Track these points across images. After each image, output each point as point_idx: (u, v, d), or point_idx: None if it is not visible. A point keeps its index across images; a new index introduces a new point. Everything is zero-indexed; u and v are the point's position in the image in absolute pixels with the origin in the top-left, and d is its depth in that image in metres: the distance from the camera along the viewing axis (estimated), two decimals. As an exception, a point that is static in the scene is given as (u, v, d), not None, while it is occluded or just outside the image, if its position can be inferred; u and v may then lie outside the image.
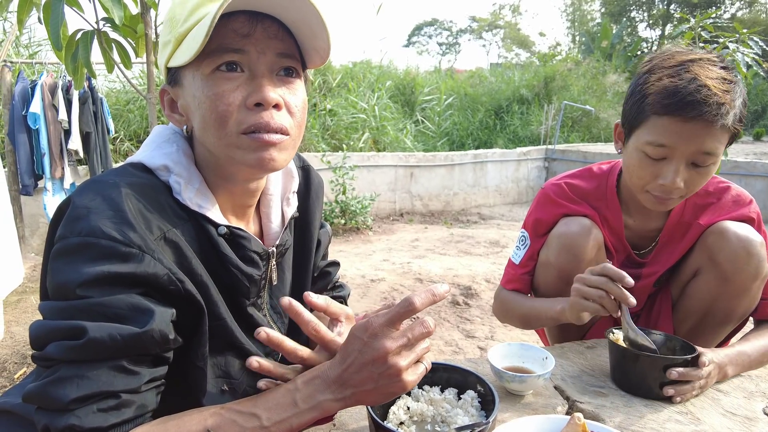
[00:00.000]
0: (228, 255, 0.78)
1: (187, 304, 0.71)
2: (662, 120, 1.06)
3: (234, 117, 0.71)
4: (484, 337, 2.45)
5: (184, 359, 0.75)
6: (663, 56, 1.12)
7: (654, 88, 1.07)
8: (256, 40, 0.72)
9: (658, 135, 1.07)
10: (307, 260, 0.99)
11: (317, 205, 1.01)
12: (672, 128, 1.05)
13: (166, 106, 0.80)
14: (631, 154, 1.15)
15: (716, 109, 1.01)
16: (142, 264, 0.65)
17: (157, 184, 0.75)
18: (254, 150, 0.72)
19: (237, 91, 0.71)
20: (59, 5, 1.64)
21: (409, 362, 0.67)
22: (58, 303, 0.64)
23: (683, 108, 1.02)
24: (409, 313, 0.66)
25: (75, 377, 0.61)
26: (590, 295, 1.04)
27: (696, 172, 1.08)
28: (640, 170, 1.12)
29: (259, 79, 0.72)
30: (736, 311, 1.20)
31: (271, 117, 0.72)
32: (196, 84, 0.73)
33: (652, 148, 1.08)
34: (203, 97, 0.72)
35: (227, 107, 0.71)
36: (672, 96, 1.04)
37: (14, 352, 2.23)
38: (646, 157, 1.10)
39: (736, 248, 1.15)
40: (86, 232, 0.64)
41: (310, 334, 0.72)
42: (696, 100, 1.01)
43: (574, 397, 1.04)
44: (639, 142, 1.11)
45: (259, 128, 0.72)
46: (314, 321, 0.72)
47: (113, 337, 0.62)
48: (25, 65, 4.55)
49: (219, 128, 0.72)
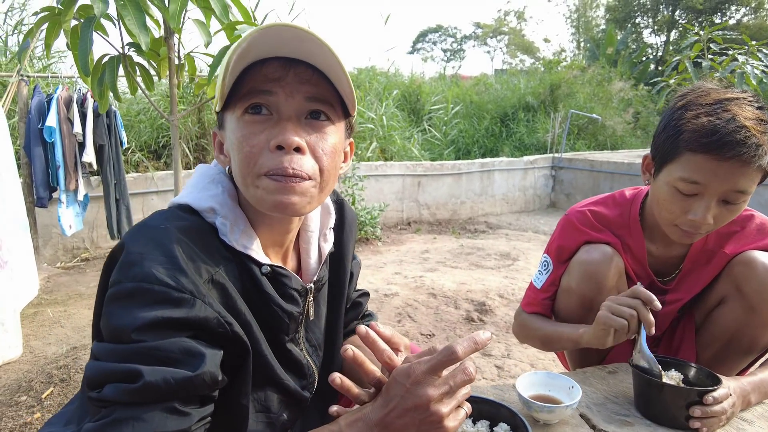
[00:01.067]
0: (270, 294, 0.80)
1: (233, 345, 0.74)
2: (697, 157, 1.06)
3: (257, 159, 0.74)
4: (500, 355, 2.46)
5: (228, 397, 0.78)
6: (698, 92, 1.12)
7: (690, 125, 1.07)
8: (286, 84, 0.74)
9: (692, 172, 1.07)
10: (341, 293, 1.02)
11: (351, 238, 1.03)
12: (707, 166, 1.05)
13: (216, 148, 0.85)
14: (661, 188, 1.15)
15: (754, 150, 1.02)
16: (193, 309, 0.68)
17: (204, 225, 0.78)
18: (272, 192, 0.74)
19: (263, 134, 0.74)
20: (88, 32, 1.69)
21: (451, 409, 0.69)
22: (114, 346, 0.67)
23: (721, 148, 1.02)
24: (451, 361, 0.68)
25: (131, 419, 0.63)
26: (622, 313, 1.06)
27: (726, 209, 1.10)
28: (671, 205, 1.13)
29: (284, 122, 0.74)
30: (760, 341, 1.22)
31: (290, 161, 0.73)
32: (231, 126, 0.77)
33: (685, 185, 1.09)
34: (234, 138, 0.76)
35: (251, 149, 0.74)
36: (710, 135, 1.04)
37: (39, 370, 2.25)
38: (677, 192, 1.11)
39: (764, 279, 1.16)
40: (140, 278, 0.67)
41: (384, 362, 0.73)
42: (735, 141, 1.01)
43: (600, 426, 1.05)
44: (671, 177, 1.11)
45: (278, 172, 0.73)
46: (388, 350, 0.74)
47: (167, 381, 0.64)
48: (40, 79, 4.62)
49: (244, 169, 0.75)
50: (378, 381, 0.74)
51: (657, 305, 1.04)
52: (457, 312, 2.94)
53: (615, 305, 1.08)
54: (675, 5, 24.21)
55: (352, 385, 0.73)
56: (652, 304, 1.04)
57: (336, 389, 0.73)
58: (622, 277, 1.29)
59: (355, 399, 0.74)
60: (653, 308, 1.04)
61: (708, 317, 1.29)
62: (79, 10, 1.78)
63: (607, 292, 1.26)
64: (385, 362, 0.74)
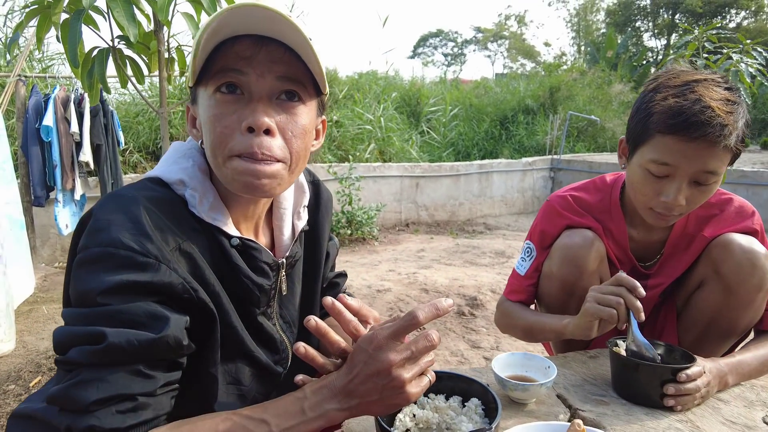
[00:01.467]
0: (240, 265, 0.81)
1: (200, 312, 0.75)
2: (666, 139, 1.08)
3: (228, 140, 0.74)
4: (489, 348, 2.46)
5: (197, 365, 0.78)
6: (668, 75, 1.14)
7: (659, 107, 1.09)
8: (258, 63, 0.74)
9: (662, 153, 1.09)
10: (316, 272, 1.03)
11: (326, 218, 1.04)
12: (675, 147, 1.07)
13: (188, 122, 0.85)
14: (634, 171, 1.17)
15: (719, 131, 1.03)
16: (158, 273, 0.68)
17: (174, 197, 0.78)
18: (241, 174, 0.74)
19: (234, 114, 0.74)
20: (77, 24, 1.71)
21: (413, 374, 0.69)
22: (80, 310, 0.68)
23: (687, 128, 1.04)
24: (412, 326, 0.68)
25: (95, 380, 0.64)
26: (609, 302, 1.06)
27: (698, 190, 1.11)
28: (643, 187, 1.14)
29: (255, 103, 0.74)
30: (740, 323, 1.22)
31: (260, 144, 0.73)
32: (204, 102, 0.77)
33: (656, 166, 1.10)
34: (206, 116, 0.76)
35: (223, 129, 0.74)
36: (676, 116, 1.05)
37: (29, 361, 2.26)
38: (649, 174, 1.12)
39: (741, 260, 1.17)
40: (107, 243, 0.67)
41: (350, 332, 0.74)
42: (700, 121, 1.03)
43: (576, 406, 1.06)
44: (643, 160, 1.13)
45: (248, 155, 0.73)
46: (355, 320, 0.74)
47: (131, 342, 0.65)
48: (38, 79, 4.65)
49: (216, 149, 0.75)
50: (344, 351, 0.74)
51: (641, 292, 1.03)
52: (448, 307, 2.95)
53: (600, 295, 1.08)
54: (675, 9, 24.29)
55: (317, 355, 0.74)
56: (637, 290, 1.03)
57: (305, 361, 0.74)
58: (603, 262, 1.30)
59: (321, 368, 0.75)
60: (638, 295, 1.03)
61: (688, 301, 1.30)
62: (69, 4, 1.81)
63: (588, 276, 1.27)
64: (351, 332, 0.74)
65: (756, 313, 1.22)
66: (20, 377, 2.07)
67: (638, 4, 26.72)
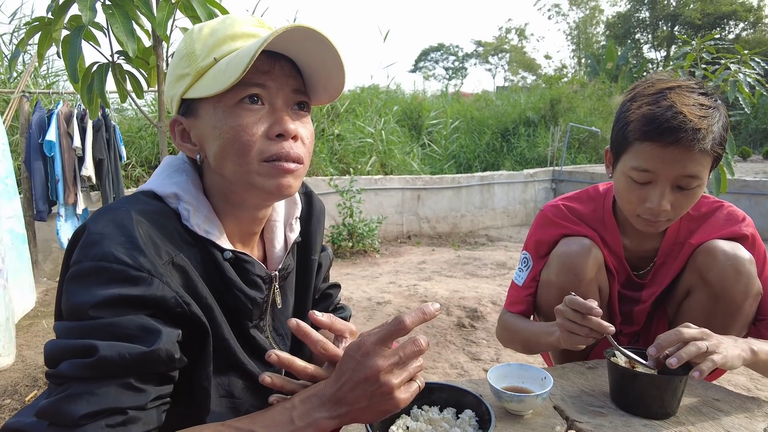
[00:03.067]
0: (233, 279, 0.81)
1: (192, 326, 0.74)
2: (644, 146, 1.10)
3: (256, 146, 0.76)
4: (489, 360, 2.44)
5: (189, 379, 0.78)
6: (645, 84, 1.16)
7: (634, 115, 1.12)
8: (275, 77, 0.78)
9: (641, 160, 1.11)
10: (308, 283, 1.02)
11: (318, 229, 1.04)
12: (653, 153, 1.09)
13: (177, 136, 0.84)
14: (618, 179, 1.19)
15: (693, 135, 1.05)
16: (151, 287, 0.68)
17: (167, 211, 0.79)
18: (274, 177, 0.78)
19: (259, 123, 0.77)
20: (77, 40, 1.73)
21: (401, 380, 0.68)
22: (71, 323, 0.68)
23: (661, 134, 1.07)
24: (399, 331, 0.68)
25: (85, 394, 0.63)
26: (577, 331, 1.07)
27: (682, 195, 1.11)
28: (629, 195, 1.16)
29: (279, 113, 0.78)
30: (731, 328, 1.21)
31: (291, 147, 0.78)
32: (218, 115, 0.77)
33: (637, 173, 1.12)
34: (227, 127, 0.76)
35: (251, 137, 0.76)
36: (650, 123, 1.08)
37: (25, 375, 2.26)
38: (632, 181, 1.14)
39: (724, 266, 1.17)
40: (99, 257, 0.68)
41: (318, 352, 0.74)
42: (672, 127, 1.05)
43: (573, 417, 1.04)
44: (625, 168, 1.15)
45: (281, 157, 0.77)
46: (322, 340, 0.75)
47: (122, 356, 0.65)
48: (42, 95, 4.71)
49: (241, 156, 0.76)
50: (332, 357, 0.75)
51: (597, 311, 1.02)
52: (448, 318, 2.93)
53: (567, 323, 1.07)
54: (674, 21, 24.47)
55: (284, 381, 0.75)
56: (592, 312, 1.03)
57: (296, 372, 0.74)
58: (601, 269, 1.29)
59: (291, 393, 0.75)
60: (595, 315, 1.03)
61: (678, 309, 1.29)
62: (70, 20, 1.83)
63: (586, 283, 1.26)
64: (319, 352, 0.75)
65: (746, 319, 1.21)
66: (16, 391, 2.07)
67: (637, 16, 26.95)
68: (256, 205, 0.85)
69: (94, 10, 1.65)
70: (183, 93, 0.80)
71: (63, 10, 1.76)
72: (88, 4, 1.63)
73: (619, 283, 1.34)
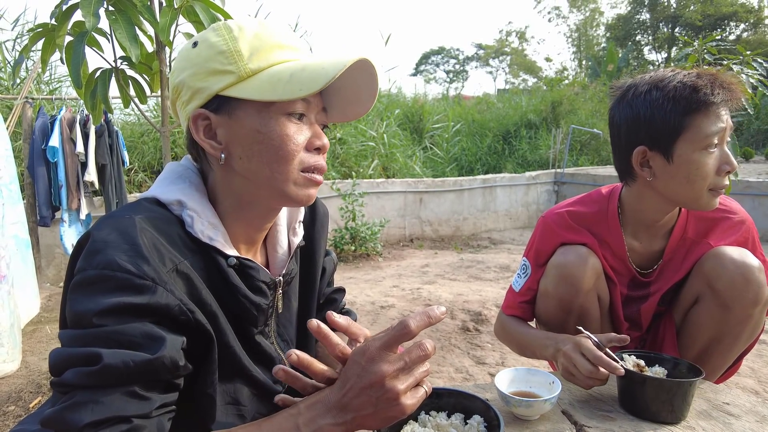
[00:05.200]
0: (237, 285, 0.81)
1: (197, 333, 0.74)
2: (701, 114, 1.13)
3: (298, 157, 0.79)
4: (494, 364, 2.43)
5: (195, 386, 0.77)
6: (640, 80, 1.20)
7: (674, 96, 1.14)
8: (314, 95, 0.81)
9: (709, 123, 1.13)
10: (312, 288, 1.02)
11: (322, 234, 1.04)
12: (713, 115, 1.13)
13: (200, 130, 0.80)
14: (683, 164, 1.15)
15: (728, 90, 1.14)
16: (155, 295, 0.68)
17: (170, 217, 0.78)
18: (306, 187, 0.81)
19: (302, 135, 0.80)
20: (80, 46, 1.73)
21: (407, 386, 0.67)
22: (75, 331, 0.67)
23: (712, 95, 1.12)
24: (404, 336, 0.67)
25: (90, 402, 0.63)
26: (582, 382, 1.09)
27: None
28: (703, 169, 1.14)
29: (316, 128, 0.83)
30: (740, 337, 1.19)
31: (324, 161, 0.84)
32: (263, 121, 0.77)
33: (712, 139, 1.13)
34: (273, 134, 0.77)
35: (296, 147, 0.78)
36: (699, 91, 1.12)
37: (29, 382, 2.25)
38: (705, 154, 1.14)
39: (734, 275, 1.15)
40: (103, 265, 0.67)
41: (336, 355, 0.73)
42: (714, 84, 1.13)
43: (581, 422, 1.03)
44: (696, 143, 1.13)
45: (317, 169, 0.82)
46: (341, 343, 0.73)
47: (126, 363, 0.64)
48: (45, 101, 4.72)
49: (284, 164, 0.78)
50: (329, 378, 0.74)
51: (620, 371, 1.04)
52: (452, 322, 2.92)
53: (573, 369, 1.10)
54: (674, 23, 24.47)
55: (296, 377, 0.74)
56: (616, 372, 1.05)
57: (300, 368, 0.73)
58: (600, 278, 1.28)
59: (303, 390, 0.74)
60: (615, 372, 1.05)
61: (686, 317, 1.28)
62: (73, 26, 1.84)
63: (584, 293, 1.25)
64: (338, 356, 0.73)
65: (756, 326, 1.20)
66: (20, 398, 2.06)
67: (638, 18, 26.96)
68: (271, 209, 0.86)
69: (97, 16, 1.65)
70: (222, 89, 0.77)
71: (66, 16, 1.76)
72: (91, 9, 1.63)
73: (623, 285, 1.33)
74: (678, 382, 1.01)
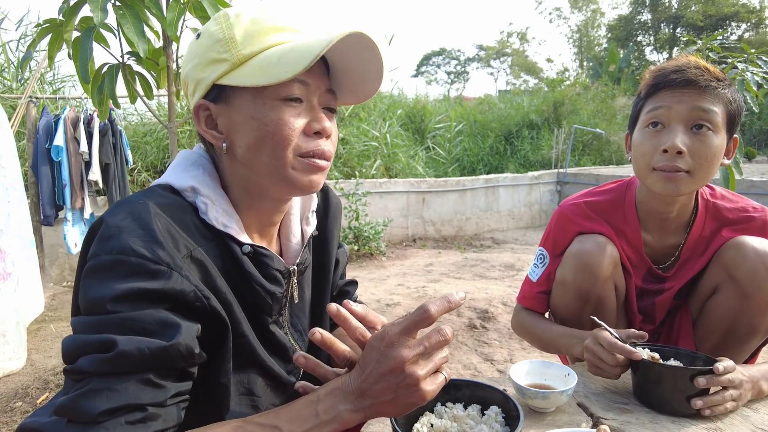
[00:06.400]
0: (252, 273, 0.80)
1: (212, 321, 0.73)
2: (657, 95, 1.17)
3: (295, 142, 0.76)
4: (502, 360, 2.42)
5: (209, 376, 0.76)
6: None
7: (644, 82, 1.21)
8: (314, 75, 0.78)
9: (654, 104, 1.17)
10: (326, 278, 1.01)
11: (335, 224, 1.03)
12: (666, 95, 1.15)
13: (201, 121, 0.81)
14: (636, 140, 1.21)
15: (700, 72, 1.11)
16: (170, 281, 0.67)
17: (184, 204, 0.77)
18: (307, 173, 0.78)
19: (299, 119, 0.77)
20: (88, 41, 1.73)
21: (427, 371, 0.66)
22: (89, 318, 0.66)
23: (668, 75, 1.14)
24: (424, 321, 0.66)
25: (104, 390, 0.62)
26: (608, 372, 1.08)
27: (697, 139, 1.12)
28: (644, 145, 1.18)
29: (318, 111, 0.79)
30: (759, 327, 1.18)
31: (326, 145, 0.79)
32: (257, 107, 0.76)
33: (651, 115, 1.16)
34: (267, 119, 0.75)
35: (291, 131, 0.76)
36: (658, 74, 1.17)
37: (36, 378, 2.24)
38: (648, 130, 1.17)
39: (755, 264, 1.13)
40: (117, 251, 0.66)
41: (357, 339, 0.72)
42: (680, 68, 1.14)
43: (598, 414, 1.02)
44: (641, 122, 1.20)
45: (316, 154, 0.78)
46: (361, 327, 0.72)
47: (141, 350, 0.63)
48: (49, 101, 4.73)
49: (279, 150, 0.76)
50: (350, 360, 0.73)
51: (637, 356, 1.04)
52: (459, 320, 2.91)
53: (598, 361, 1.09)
54: (676, 23, 24.48)
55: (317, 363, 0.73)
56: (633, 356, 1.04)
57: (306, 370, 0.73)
58: (617, 267, 1.27)
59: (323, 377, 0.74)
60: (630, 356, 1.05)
61: (704, 307, 1.26)
62: (81, 22, 1.83)
63: (602, 282, 1.24)
64: (358, 339, 0.72)
65: None
66: (27, 394, 2.05)
67: (639, 19, 26.96)
68: (279, 198, 0.84)
69: (105, 11, 1.64)
70: (217, 78, 0.77)
71: (74, 11, 1.76)
72: (99, 5, 1.63)
73: (639, 277, 1.31)
74: (695, 370, 1.00)
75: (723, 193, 1.30)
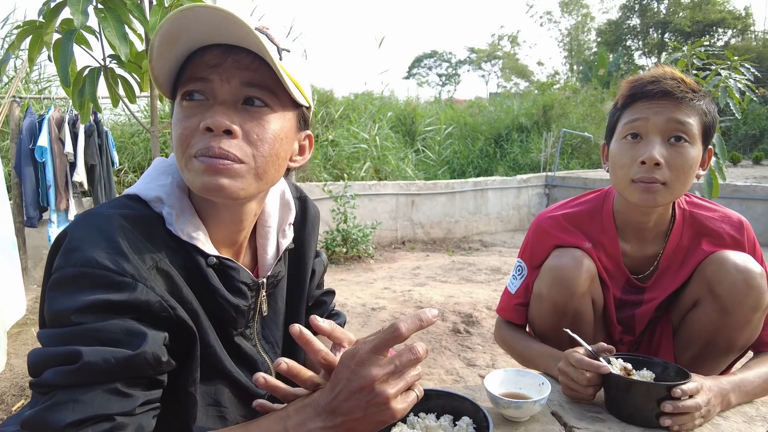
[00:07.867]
0: (215, 286, 0.79)
1: (179, 330, 0.73)
2: (633, 106, 1.19)
3: (190, 141, 0.74)
4: (485, 366, 2.43)
5: (177, 385, 0.76)
6: None
7: (620, 94, 1.23)
8: (223, 70, 0.73)
9: (632, 115, 1.18)
10: (301, 290, 1.00)
11: (313, 235, 1.02)
12: (642, 107, 1.17)
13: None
14: (613, 152, 1.23)
15: (676, 84, 1.13)
16: (135, 292, 0.67)
17: (151, 215, 0.77)
18: (200, 174, 0.73)
19: (195, 117, 0.74)
20: (68, 44, 1.71)
21: (398, 390, 0.66)
22: (54, 330, 0.66)
23: (645, 86, 1.16)
24: (395, 339, 0.65)
25: (70, 402, 0.62)
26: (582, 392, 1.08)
27: (674, 151, 1.14)
28: (622, 157, 1.19)
29: (216, 106, 0.73)
30: (737, 342, 1.19)
31: (218, 142, 0.72)
32: (174, 110, 0.78)
33: (629, 126, 1.18)
34: (173, 122, 0.77)
35: (184, 131, 0.74)
36: (634, 85, 1.18)
37: (13, 384, 2.21)
38: (625, 142, 1.19)
39: (736, 280, 1.14)
40: (82, 263, 0.66)
41: (319, 362, 0.71)
42: (656, 78, 1.16)
43: (571, 423, 1.03)
44: (618, 134, 1.21)
45: (205, 152, 0.72)
46: (324, 350, 0.71)
47: (107, 360, 0.63)
48: (33, 100, 4.67)
49: (177, 151, 0.75)
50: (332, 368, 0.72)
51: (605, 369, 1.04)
52: (443, 324, 2.92)
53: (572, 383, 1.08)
54: (664, 28, 24.77)
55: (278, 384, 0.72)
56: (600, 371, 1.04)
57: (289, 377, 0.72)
58: (594, 281, 1.27)
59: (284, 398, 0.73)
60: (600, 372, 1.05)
61: (684, 320, 1.27)
62: (62, 24, 1.82)
63: (578, 297, 1.24)
64: (320, 362, 0.70)
65: (753, 333, 1.19)
66: (3, 401, 2.02)
67: (628, 24, 27.25)
68: (230, 212, 0.81)
69: (86, 13, 1.63)
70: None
71: (54, 13, 1.74)
72: (80, 7, 1.61)
73: (618, 288, 1.32)
74: (665, 386, 1.00)
75: (700, 202, 1.32)
